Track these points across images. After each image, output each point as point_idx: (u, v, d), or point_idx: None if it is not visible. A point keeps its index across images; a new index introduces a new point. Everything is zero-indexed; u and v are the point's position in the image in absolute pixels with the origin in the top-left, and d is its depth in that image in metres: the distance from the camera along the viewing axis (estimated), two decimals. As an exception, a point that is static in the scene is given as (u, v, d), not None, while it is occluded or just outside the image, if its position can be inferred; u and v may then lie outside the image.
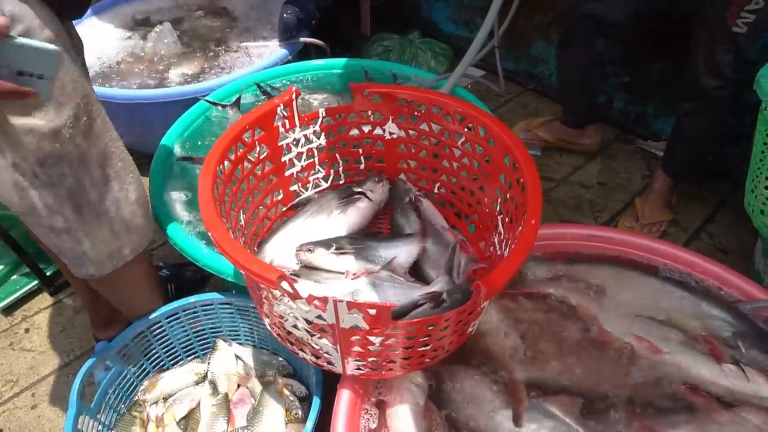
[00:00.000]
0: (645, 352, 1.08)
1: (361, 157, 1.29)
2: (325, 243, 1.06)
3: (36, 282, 1.64)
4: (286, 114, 1.13)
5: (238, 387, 1.31)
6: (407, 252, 1.12)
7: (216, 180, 0.94)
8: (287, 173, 1.21)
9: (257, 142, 1.09)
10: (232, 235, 0.87)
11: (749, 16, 1.34)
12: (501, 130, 1.03)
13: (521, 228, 0.87)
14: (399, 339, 0.83)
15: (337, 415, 0.94)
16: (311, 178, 1.26)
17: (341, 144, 1.26)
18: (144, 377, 1.31)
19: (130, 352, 1.25)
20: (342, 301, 0.75)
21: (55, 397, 1.43)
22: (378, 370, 0.92)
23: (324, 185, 1.29)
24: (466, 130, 1.11)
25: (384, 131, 1.23)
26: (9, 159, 0.88)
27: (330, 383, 1.07)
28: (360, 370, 0.93)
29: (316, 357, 0.93)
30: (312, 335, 0.86)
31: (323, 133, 1.22)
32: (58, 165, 0.92)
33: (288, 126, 1.15)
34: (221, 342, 1.34)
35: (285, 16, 2.00)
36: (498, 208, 1.07)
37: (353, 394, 0.97)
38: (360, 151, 1.28)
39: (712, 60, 1.45)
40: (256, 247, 1.14)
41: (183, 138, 1.60)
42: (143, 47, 2.20)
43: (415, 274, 1.13)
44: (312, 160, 1.24)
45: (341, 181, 1.30)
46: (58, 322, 1.60)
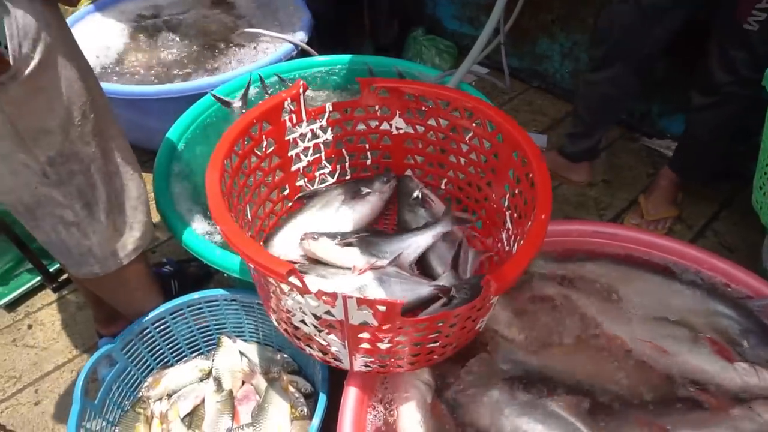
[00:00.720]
0: (654, 352, 1.07)
1: (368, 153, 1.28)
2: (330, 234, 1.06)
3: (39, 278, 1.63)
4: (293, 108, 1.13)
5: (242, 384, 1.31)
6: (414, 247, 1.11)
7: (224, 174, 0.93)
8: (294, 168, 1.20)
9: (264, 136, 1.09)
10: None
11: (760, 14, 1.33)
12: (510, 125, 1.02)
13: (531, 223, 0.87)
14: (408, 336, 0.82)
15: (345, 412, 0.93)
16: (318, 173, 1.26)
17: (348, 139, 1.25)
18: (148, 374, 1.31)
19: (134, 348, 1.24)
20: (352, 298, 0.74)
21: (59, 394, 1.42)
22: (386, 366, 0.91)
23: (330, 181, 1.28)
24: (474, 125, 1.10)
25: (391, 126, 1.22)
26: (20, 159, 0.88)
27: (335, 380, 1.06)
28: (368, 366, 0.92)
29: (323, 353, 0.93)
30: (320, 331, 0.86)
31: (330, 128, 1.21)
32: (67, 163, 0.92)
33: (295, 120, 1.14)
34: (226, 338, 1.34)
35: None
36: (506, 203, 1.06)
37: (360, 390, 0.96)
38: (367, 147, 1.27)
39: (725, 56, 1.44)
40: (262, 242, 1.13)
41: (187, 134, 1.59)
42: (146, 43, 2.19)
43: (421, 268, 1.13)
44: (319, 155, 1.23)
45: (347, 177, 1.29)
46: (61, 318, 1.60)
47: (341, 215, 1.18)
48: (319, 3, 2.26)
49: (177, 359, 1.35)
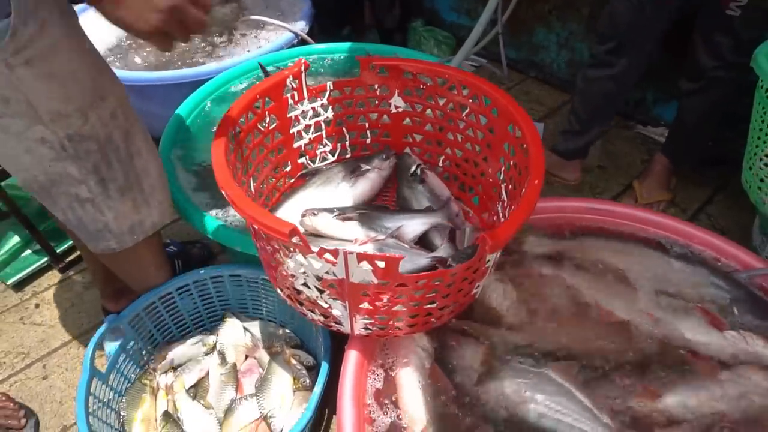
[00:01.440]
0: (647, 320, 1.10)
1: (368, 131, 1.31)
2: (330, 209, 1.09)
3: (46, 258, 1.67)
4: (294, 86, 1.16)
5: (246, 358, 1.34)
6: (413, 226, 1.14)
7: (228, 144, 0.96)
8: (295, 145, 1.24)
9: (267, 112, 1.12)
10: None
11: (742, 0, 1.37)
12: (504, 99, 1.05)
13: (524, 189, 0.90)
14: (406, 295, 0.85)
15: (345, 375, 0.96)
16: (319, 151, 1.29)
17: (348, 117, 1.28)
18: (154, 348, 1.34)
19: (140, 322, 1.28)
20: (352, 253, 0.77)
21: (66, 369, 1.46)
22: (385, 329, 0.95)
23: (331, 159, 1.31)
24: (470, 101, 1.13)
25: (390, 105, 1.26)
26: (37, 134, 0.90)
27: (337, 354, 1.09)
28: (368, 329, 0.95)
29: (324, 316, 0.96)
30: (322, 292, 0.89)
31: (330, 107, 1.24)
32: (85, 142, 0.95)
33: (297, 98, 1.18)
34: (230, 315, 1.37)
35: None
36: (501, 176, 1.09)
37: (361, 355, 0.99)
38: (366, 125, 1.30)
39: (710, 42, 1.48)
40: (265, 216, 1.16)
41: (190, 119, 1.63)
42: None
43: (420, 244, 1.16)
44: (320, 133, 1.26)
45: (348, 155, 1.33)
46: (67, 297, 1.63)
47: (341, 191, 1.21)
48: None
49: (182, 334, 1.39)
